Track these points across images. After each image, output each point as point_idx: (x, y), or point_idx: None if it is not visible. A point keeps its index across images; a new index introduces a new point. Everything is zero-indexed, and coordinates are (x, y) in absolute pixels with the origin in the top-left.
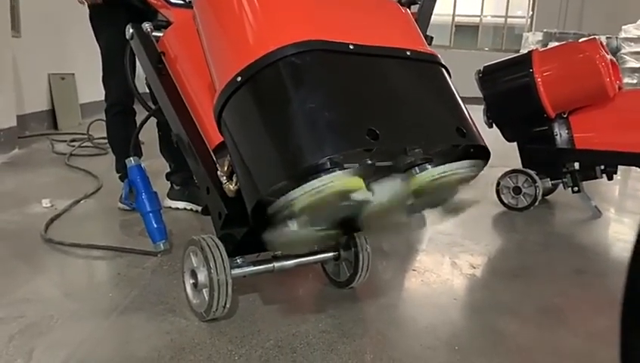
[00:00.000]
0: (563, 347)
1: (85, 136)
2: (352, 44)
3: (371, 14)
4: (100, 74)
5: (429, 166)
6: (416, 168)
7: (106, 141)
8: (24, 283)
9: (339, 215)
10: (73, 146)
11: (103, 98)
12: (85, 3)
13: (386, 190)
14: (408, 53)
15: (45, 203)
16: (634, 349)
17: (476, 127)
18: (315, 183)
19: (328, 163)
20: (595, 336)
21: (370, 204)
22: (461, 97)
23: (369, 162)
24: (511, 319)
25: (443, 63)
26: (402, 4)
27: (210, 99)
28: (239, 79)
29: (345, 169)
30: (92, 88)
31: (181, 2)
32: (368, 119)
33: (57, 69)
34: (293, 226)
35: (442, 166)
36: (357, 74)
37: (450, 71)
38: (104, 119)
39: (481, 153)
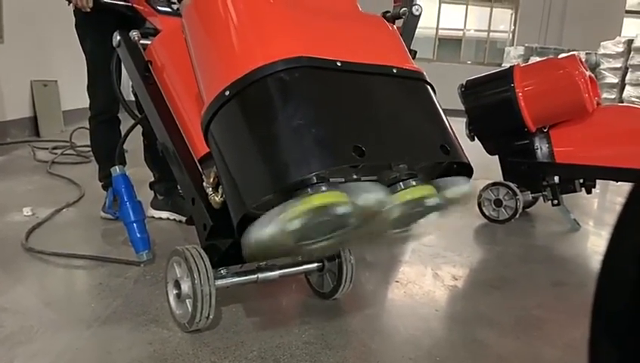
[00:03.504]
0: (542, 358)
1: (68, 144)
2: (339, 61)
3: (359, 31)
4: (84, 81)
5: (413, 182)
6: (400, 183)
7: (88, 148)
8: (4, 292)
9: (325, 229)
10: (55, 153)
11: (86, 106)
12: (72, 5)
13: (371, 205)
14: (395, 70)
15: (26, 211)
16: (597, 348)
17: (459, 143)
18: (300, 197)
19: (314, 179)
20: (573, 348)
21: (354, 219)
22: (444, 112)
23: (355, 177)
24: (491, 330)
25: (428, 80)
26: (386, 20)
27: (197, 109)
28: (227, 93)
29: (331, 184)
30: (75, 96)
31: (170, 10)
32: (354, 136)
33: (40, 76)
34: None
35: (426, 183)
36: (344, 91)
37: (435, 88)
38: (87, 126)
39: (464, 170)
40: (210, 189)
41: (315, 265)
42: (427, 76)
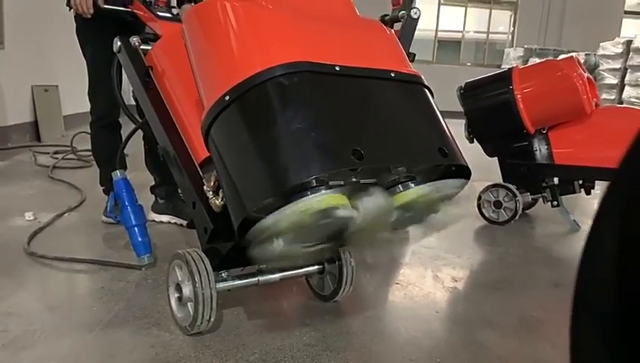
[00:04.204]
0: (542, 358)
1: (69, 148)
2: (338, 65)
3: (357, 35)
4: (85, 86)
5: (412, 184)
6: (399, 186)
7: (89, 153)
8: (7, 297)
9: (324, 232)
10: (56, 158)
11: (86, 110)
12: (73, 11)
13: (371, 207)
14: (393, 74)
15: (28, 215)
16: (582, 351)
17: (457, 146)
18: (301, 201)
19: (314, 182)
20: None
21: (354, 221)
22: (443, 114)
23: (354, 179)
24: (492, 331)
25: (426, 83)
26: (385, 23)
27: (197, 114)
28: (227, 98)
29: (330, 187)
30: (76, 100)
31: (170, 16)
32: (353, 139)
33: (41, 81)
34: (278, 243)
35: (425, 185)
36: (343, 95)
37: (433, 91)
38: (88, 131)
39: (462, 172)
40: (211, 193)
41: (316, 267)
42: (426, 79)
